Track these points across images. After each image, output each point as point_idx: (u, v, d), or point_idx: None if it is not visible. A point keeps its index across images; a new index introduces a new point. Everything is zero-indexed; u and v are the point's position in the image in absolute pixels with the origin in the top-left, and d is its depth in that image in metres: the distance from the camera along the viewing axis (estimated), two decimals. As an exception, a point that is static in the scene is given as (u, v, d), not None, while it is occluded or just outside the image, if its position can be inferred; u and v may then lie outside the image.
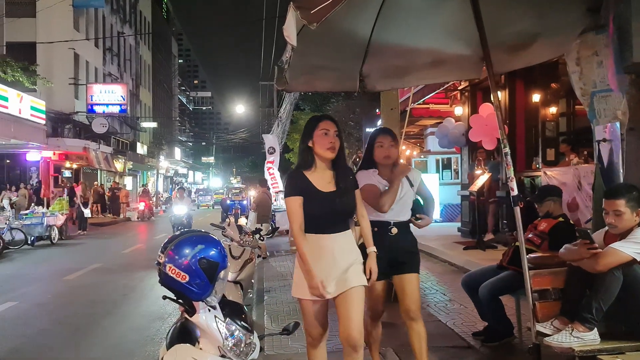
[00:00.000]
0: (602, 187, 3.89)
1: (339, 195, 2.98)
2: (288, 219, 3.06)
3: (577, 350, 3.20)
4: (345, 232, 3.04)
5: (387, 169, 3.54)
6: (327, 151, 2.98)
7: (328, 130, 2.99)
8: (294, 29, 2.77)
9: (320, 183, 2.99)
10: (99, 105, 28.33)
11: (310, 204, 2.95)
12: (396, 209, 3.47)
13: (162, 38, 51.75)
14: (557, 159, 9.04)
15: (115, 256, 12.56)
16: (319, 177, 3.01)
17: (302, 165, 3.06)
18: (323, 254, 2.95)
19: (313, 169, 3.02)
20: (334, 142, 2.97)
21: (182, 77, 76.31)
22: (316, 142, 3.00)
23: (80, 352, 5.25)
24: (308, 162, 3.03)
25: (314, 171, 3.02)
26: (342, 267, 2.97)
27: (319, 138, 2.99)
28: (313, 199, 2.95)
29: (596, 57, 3.90)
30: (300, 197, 2.95)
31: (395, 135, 3.71)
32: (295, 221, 2.96)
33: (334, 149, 2.98)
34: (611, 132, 3.89)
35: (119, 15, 35.57)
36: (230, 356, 2.44)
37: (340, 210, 3.01)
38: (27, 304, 7.37)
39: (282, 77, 3.69)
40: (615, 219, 3.32)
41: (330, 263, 2.95)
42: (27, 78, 19.41)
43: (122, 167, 34.46)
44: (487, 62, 3.66)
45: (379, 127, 3.56)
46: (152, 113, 44.89)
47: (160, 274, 2.41)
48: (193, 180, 69.11)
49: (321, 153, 3.00)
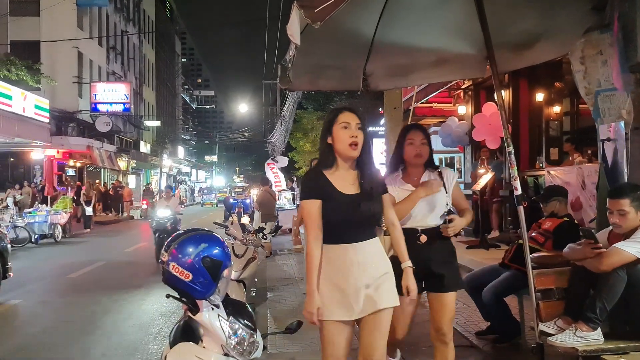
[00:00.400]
0: (607, 186, 3.88)
1: (364, 198, 2.58)
2: (304, 225, 2.70)
3: (581, 350, 3.19)
4: (371, 241, 2.62)
5: (417, 170, 3.18)
6: (349, 148, 2.57)
7: (349, 124, 2.58)
8: (297, 28, 2.78)
9: (342, 184, 2.60)
10: (102, 104, 28.38)
11: (330, 208, 2.57)
12: (423, 212, 3.09)
13: (165, 37, 51.82)
14: (560, 158, 9.02)
15: (119, 254, 12.59)
16: (340, 177, 2.62)
17: (322, 164, 2.67)
18: (346, 267, 2.54)
19: (334, 169, 2.64)
20: (356, 137, 2.56)
21: (186, 75, 76.47)
22: (336, 138, 2.60)
23: (83, 350, 5.26)
24: (328, 161, 2.64)
25: (335, 171, 2.63)
26: (370, 282, 2.55)
27: (339, 133, 2.58)
28: (334, 201, 2.57)
29: (601, 56, 3.89)
30: (318, 200, 2.57)
31: (428, 132, 3.32)
32: (311, 228, 2.57)
33: (357, 146, 2.57)
34: (615, 132, 3.88)
35: (122, 14, 35.62)
36: (234, 355, 2.44)
37: (365, 216, 2.59)
38: (31, 302, 7.39)
39: (286, 76, 3.70)
40: (619, 219, 3.31)
41: (355, 277, 2.53)
42: (31, 76, 19.47)
43: (126, 165, 34.53)
44: (491, 61, 3.65)
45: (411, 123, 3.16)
46: (155, 112, 44.96)
47: (163, 272, 2.41)
48: (196, 179, 69.20)
49: (342, 150, 2.59)
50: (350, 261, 2.55)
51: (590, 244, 3.36)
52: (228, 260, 2.49)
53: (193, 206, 44.91)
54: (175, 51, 60.12)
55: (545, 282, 3.59)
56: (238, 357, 2.45)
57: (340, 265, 2.55)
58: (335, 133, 2.60)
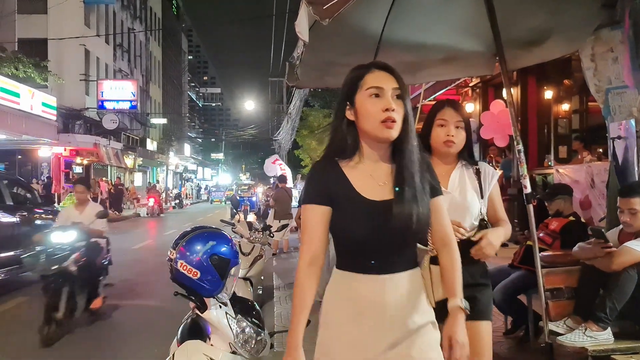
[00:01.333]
0: (617, 185, 3.85)
1: (401, 205, 1.65)
2: (300, 240, 1.85)
3: (591, 350, 3.17)
4: (409, 273, 1.72)
5: (447, 160, 2.35)
6: (381, 127, 1.66)
7: (381, 90, 1.68)
8: (306, 25, 2.76)
9: (366, 184, 1.70)
10: (109, 102, 28.49)
11: (346, 219, 1.68)
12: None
13: (172, 34, 51.94)
14: (569, 156, 8.97)
15: (125, 252, 12.61)
16: (365, 173, 1.72)
17: (335, 151, 1.75)
18: (367, 311, 1.67)
19: (356, 160, 1.73)
20: (392, 109, 1.66)
21: (192, 73, 76.61)
22: (361, 112, 1.70)
23: (88, 348, 5.26)
24: (347, 147, 1.73)
25: (358, 163, 1.73)
26: (401, 337, 1.68)
27: (366, 103, 1.69)
28: (351, 210, 1.68)
29: (611, 54, 3.85)
30: (323, 208, 1.70)
31: (466, 113, 2.55)
32: (306, 247, 1.71)
33: (394, 123, 1.66)
34: (626, 130, 3.85)
35: (129, 12, 35.72)
36: (241, 352, 2.44)
37: (402, 233, 1.66)
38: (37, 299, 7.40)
39: (294, 73, 3.68)
40: (630, 218, 3.29)
41: (380, 329, 1.67)
42: (38, 74, 19.55)
43: (132, 163, 34.65)
44: (500, 58, 3.62)
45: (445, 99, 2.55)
46: (162, 109, 45.09)
47: (171, 270, 2.41)
48: (202, 177, 69.40)
49: (370, 130, 1.69)
50: (374, 303, 1.66)
51: (601, 244, 3.33)
52: (236, 258, 2.48)
53: (199, 204, 45.01)
54: (182, 48, 60.25)
55: (554, 282, 3.56)
56: (245, 354, 2.45)
57: (358, 308, 1.68)
58: (360, 103, 1.70)
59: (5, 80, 17.59)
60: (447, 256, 1.81)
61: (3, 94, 17.27)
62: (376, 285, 1.68)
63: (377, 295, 1.67)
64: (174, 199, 37.24)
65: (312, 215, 1.72)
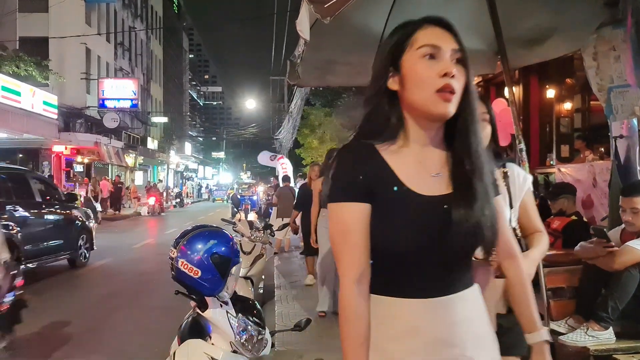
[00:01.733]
0: (619, 184, 3.84)
1: (466, 203, 1.27)
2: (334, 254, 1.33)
3: (592, 350, 3.16)
4: (467, 293, 1.33)
5: None
6: (436, 98, 1.27)
7: (437, 49, 1.31)
8: (307, 24, 2.76)
9: (415, 174, 1.30)
10: (110, 100, 28.51)
11: (389, 222, 1.27)
12: None
13: (173, 33, 51.93)
14: (571, 155, 8.95)
15: (126, 251, 12.63)
16: (411, 160, 1.32)
17: (371, 131, 1.34)
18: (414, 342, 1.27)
19: (399, 142, 1.33)
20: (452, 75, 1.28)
21: (193, 72, 76.60)
22: (410, 77, 1.30)
23: (90, 347, 5.27)
24: (388, 126, 1.33)
25: (403, 147, 1.33)
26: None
27: (417, 67, 1.30)
28: (398, 208, 1.27)
29: (613, 52, 3.84)
30: (364, 205, 1.28)
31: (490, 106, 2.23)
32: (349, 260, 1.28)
33: (453, 95, 1.28)
34: (629, 129, 3.84)
35: (130, 10, 35.72)
36: (242, 352, 2.43)
37: (461, 240, 1.27)
38: (42, 298, 7.42)
39: (295, 71, 3.68)
40: (632, 217, 3.27)
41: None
42: (39, 73, 19.57)
43: (133, 161, 34.67)
44: (502, 56, 3.61)
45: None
46: (162, 108, 45.09)
47: (172, 268, 2.40)
48: (203, 176, 69.41)
49: (421, 104, 1.29)
50: (422, 332, 1.26)
51: (602, 243, 3.32)
52: (237, 257, 2.48)
53: (201, 202, 45.04)
54: (183, 47, 60.23)
55: (556, 281, 3.55)
56: (246, 354, 2.44)
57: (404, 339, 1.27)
58: (410, 67, 1.30)
59: (7, 78, 17.63)
60: (515, 272, 1.49)
61: (4, 93, 17.30)
62: (428, 311, 1.26)
63: (426, 324, 1.26)
64: (175, 198, 37.26)
65: (351, 216, 1.27)
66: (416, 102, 1.30)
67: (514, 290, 1.50)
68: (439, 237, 1.25)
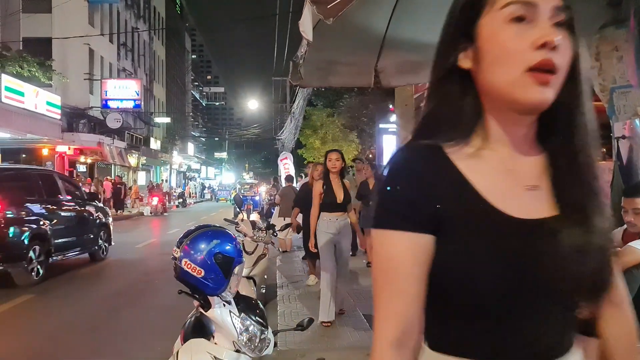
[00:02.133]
0: (621, 185, 3.84)
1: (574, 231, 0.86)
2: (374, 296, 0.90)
3: (594, 350, 3.16)
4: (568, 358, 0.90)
5: None
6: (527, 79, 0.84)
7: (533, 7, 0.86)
8: (310, 24, 2.77)
9: (501, 187, 0.89)
10: (113, 101, 28.57)
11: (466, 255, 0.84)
12: None
13: (175, 33, 52.04)
14: (573, 156, 8.95)
15: (129, 250, 12.65)
16: (496, 167, 0.91)
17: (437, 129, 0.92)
18: None
19: (476, 143, 0.92)
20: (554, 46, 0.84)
21: (196, 72, 76.77)
22: (490, 50, 0.87)
23: (93, 345, 5.28)
24: (460, 121, 0.91)
25: (481, 149, 0.92)
26: None
27: (502, 34, 0.86)
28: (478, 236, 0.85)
29: (616, 53, 3.84)
30: (424, 237, 0.86)
31: None
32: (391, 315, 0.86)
33: (552, 76, 0.84)
34: (631, 129, 3.83)
35: (133, 11, 35.81)
36: (245, 351, 2.44)
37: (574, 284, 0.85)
38: (46, 297, 7.45)
39: (297, 72, 3.69)
40: (634, 218, 3.27)
41: None
42: (43, 73, 19.61)
43: (136, 162, 34.74)
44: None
45: None
46: (165, 108, 45.17)
47: (175, 268, 2.42)
48: (206, 176, 69.49)
49: (506, 87, 0.86)
50: None
51: (605, 243, 3.32)
52: (240, 257, 2.49)
53: (203, 203, 45.08)
54: (185, 48, 60.35)
55: (558, 281, 3.55)
56: (249, 353, 2.46)
57: None
58: (490, 35, 0.88)
59: (10, 79, 17.68)
60: (622, 327, 1.01)
61: (8, 93, 17.36)
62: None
63: None
64: (178, 198, 37.31)
65: (402, 251, 0.86)
66: (498, 85, 0.87)
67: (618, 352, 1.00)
68: (540, 279, 0.84)
